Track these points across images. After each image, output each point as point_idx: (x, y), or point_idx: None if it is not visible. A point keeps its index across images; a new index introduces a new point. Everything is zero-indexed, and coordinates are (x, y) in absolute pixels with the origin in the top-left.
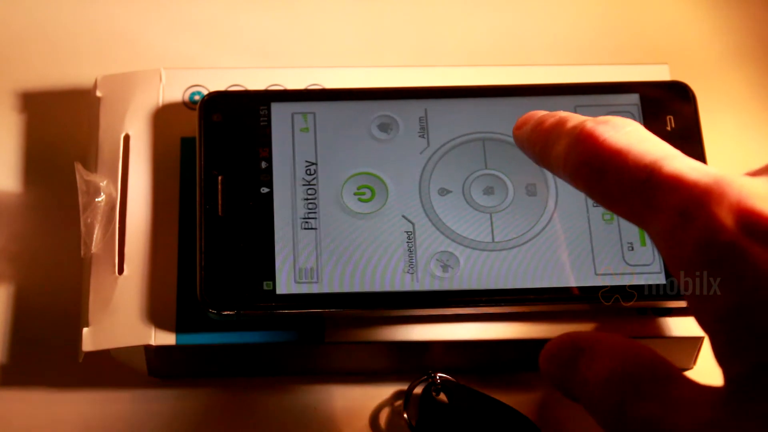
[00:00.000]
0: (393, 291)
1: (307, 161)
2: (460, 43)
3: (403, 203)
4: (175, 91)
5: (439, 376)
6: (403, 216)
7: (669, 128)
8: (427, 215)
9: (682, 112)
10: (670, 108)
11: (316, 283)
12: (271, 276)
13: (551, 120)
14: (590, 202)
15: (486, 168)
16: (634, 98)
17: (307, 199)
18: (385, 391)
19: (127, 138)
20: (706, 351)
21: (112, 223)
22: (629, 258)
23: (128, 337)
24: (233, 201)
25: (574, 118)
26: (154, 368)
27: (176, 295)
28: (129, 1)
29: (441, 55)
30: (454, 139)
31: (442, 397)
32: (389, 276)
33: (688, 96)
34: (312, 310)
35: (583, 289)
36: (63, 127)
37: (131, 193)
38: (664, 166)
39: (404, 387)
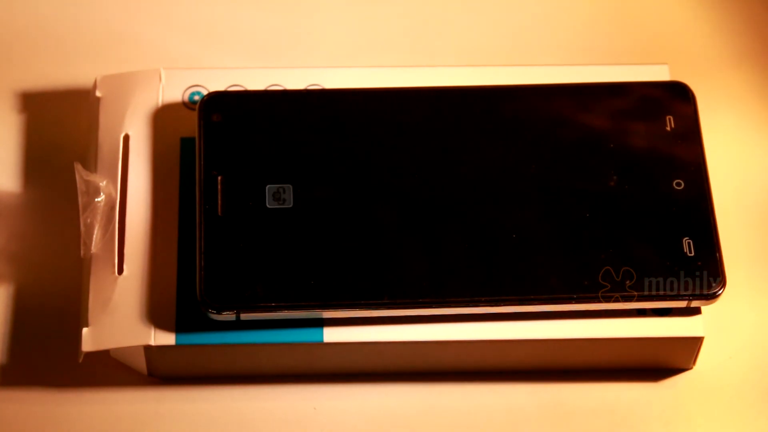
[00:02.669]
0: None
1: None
2: (460, 44)
3: None
4: (174, 91)
5: None
6: None
7: (669, 128)
8: None
9: (682, 112)
10: (670, 108)
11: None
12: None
13: None
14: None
15: None
16: (634, 98)
17: None
18: (384, 391)
19: (126, 138)
20: (706, 351)
21: (112, 223)
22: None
23: (128, 337)
24: (233, 201)
25: None
26: (153, 368)
27: (176, 295)
28: (129, 1)
29: (441, 55)
30: None
31: None
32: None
33: (688, 96)
34: (312, 309)
35: (583, 289)
36: (63, 127)
37: (131, 193)
38: None
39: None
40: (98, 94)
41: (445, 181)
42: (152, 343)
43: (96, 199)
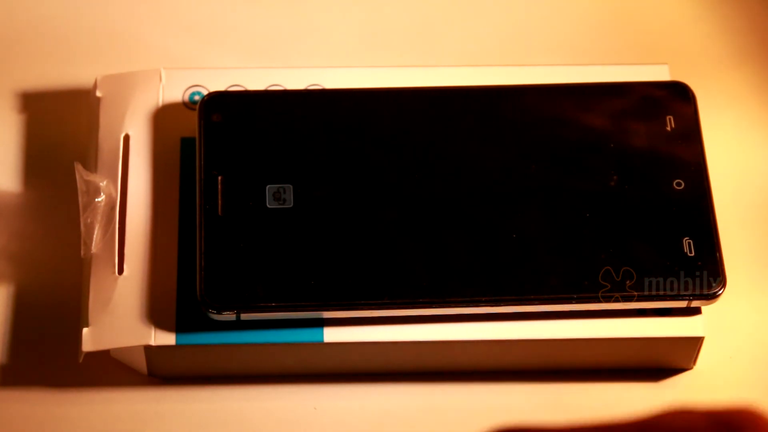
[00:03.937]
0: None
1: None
2: (461, 43)
3: None
4: (174, 91)
5: None
6: None
7: (669, 128)
8: None
9: (682, 112)
10: (670, 108)
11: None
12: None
13: None
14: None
15: None
16: (634, 98)
17: None
18: (384, 391)
19: (126, 138)
20: (706, 351)
21: (112, 223)
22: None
23: (128, 337)
24: (233, 201)
25: None
26: (153, 368)
27: (176, 295)
28: (129, 1)
29: (441, 55)
30: None
31: None
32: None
33: (688, 96)
34: (312, 310)
35: (583, 289)
36: (63, 127)
37: (131, 193)
38: None
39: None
40: (98, 94)
41: (445, 181)
42: (152, 343)
43: (96, 199)
